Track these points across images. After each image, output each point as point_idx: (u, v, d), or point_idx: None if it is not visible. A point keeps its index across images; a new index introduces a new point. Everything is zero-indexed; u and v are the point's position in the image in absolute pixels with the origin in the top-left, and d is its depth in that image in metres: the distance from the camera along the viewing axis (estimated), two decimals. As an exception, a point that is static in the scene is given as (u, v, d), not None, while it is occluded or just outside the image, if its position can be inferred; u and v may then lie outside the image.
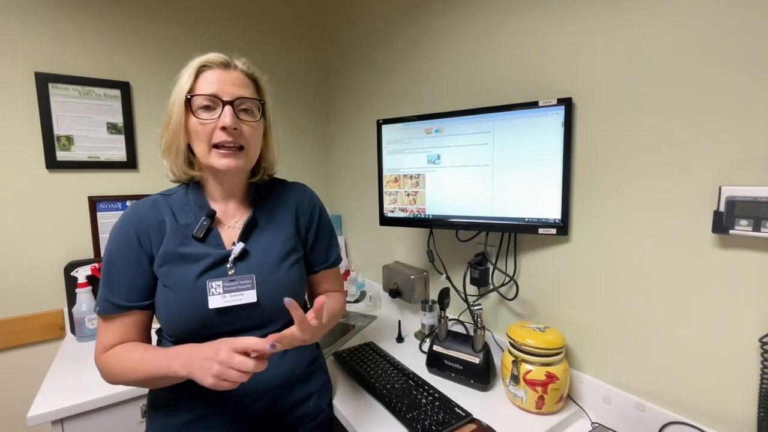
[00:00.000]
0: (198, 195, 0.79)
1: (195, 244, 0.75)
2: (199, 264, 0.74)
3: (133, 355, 0.70)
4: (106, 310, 0.71)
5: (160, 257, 0.73)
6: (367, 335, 1.35)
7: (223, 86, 0.72)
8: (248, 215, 0.81)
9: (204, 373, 0.61)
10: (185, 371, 0.64)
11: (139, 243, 0.73)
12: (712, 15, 0.69)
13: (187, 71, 0.73)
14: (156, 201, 0.78)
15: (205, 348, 0.64)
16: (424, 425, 0.83)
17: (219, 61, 0.74)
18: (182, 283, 0.72)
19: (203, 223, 0.76)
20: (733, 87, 0.68)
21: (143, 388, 0.78)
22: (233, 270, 0.75)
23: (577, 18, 0.89)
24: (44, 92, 1.32)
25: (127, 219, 0.74)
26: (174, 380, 0.68)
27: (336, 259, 0.95)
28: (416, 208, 1.19)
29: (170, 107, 0.74)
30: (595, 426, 0.88)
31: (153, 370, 0.67)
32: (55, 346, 1.38)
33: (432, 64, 1.30)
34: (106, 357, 0.71)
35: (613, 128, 0.85)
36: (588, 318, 0.93)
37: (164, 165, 0.79)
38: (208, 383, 0.61)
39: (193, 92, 0.72)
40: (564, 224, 0.93)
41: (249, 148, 0.76)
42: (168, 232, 0.75)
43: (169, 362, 0.66)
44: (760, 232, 0.64)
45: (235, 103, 0.72)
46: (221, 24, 1.66)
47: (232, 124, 0.71)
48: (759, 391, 0.68)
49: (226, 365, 0.60)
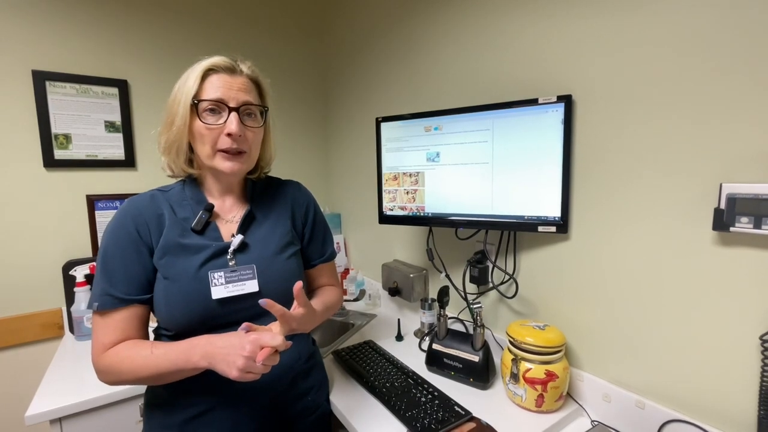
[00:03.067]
0: (195, 191, 0.80)
1: (194, 237, 0.76)
2: (200, 255, 0.74)
3: (140, 351, 0.68)
4: (106, 304, 0.69)
5: (160, 249, 0.73)
6: (367, 334, 1.35)
7: (229, 92, 0.73)
8: (245, 209, 0.82)
9: (229, 366, 0.62)
10: (206, 362, 0.64)
11: (139, 235, 0.73)
12: (711, 13, 0.69)
13: (193, 74, 0.73)
14: (154, 195, 0.78)
15: (226, 339, 0.65)
16: (424, 424, 0.82)
17: (225, 66, 0.75)
18: (184, 274, 0.72)
19: (202, 217, 0.77)
20: (734, 84, 0.67)
21: (149, 384, 0.77)
22: (233, 261, 0.76)
23: (577, 16, 0.88)
24: (41, 90, 1.31)
25: (125, 212, 0.74)
26: (189, 373, 0.67)
27: (331, 254, 0.97)
28: (415, 207, 1.19)
29: (173, 107, 0.74)
30: (595, 424, 0.88)
31: (168, 364, 0.66)
32: (53, 345, 1.38)
33: (431, 62, 1.30)
34: (108, 356, 0.69)
35: (613, 125, 0.85)
36: (588, 316, 0.93)
37: (162, 160, 0.79)
38: (233, 375, 0.62)
39: (200, 97, 0.72)
40: (564, 222, 0.93)
41: (251, 151, 0.78)
42: (167, 225, 0.75)
43: (186, 354, 0.66)
44: (761, 230, 0.63)
45: (240, 109, 0.73)
46: (220, 22, 1.66)
47: (238, 131, 0.72)
48: (759, 388, 0.67)
49: (252, 359, 0.61)
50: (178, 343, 0.68)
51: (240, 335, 0.64)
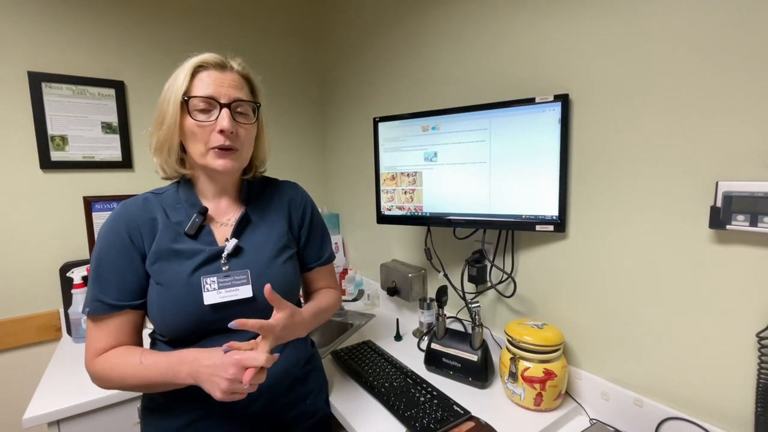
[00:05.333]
0: (189, 193, 0.79)
1: (187, 241, 0.75)
2: (192, 260, 0.73)
3: (130, 359, 0.68)
4: (97, 310, 0.69)
5: (152, 254, 0.72)
6: (365, 334, 1.35)
7: (220, 88, 0.72)
8: (241, 212, 0.80)
9: (213, 388, 0.62)
10: (192, 380, 0.64)
11: (131, 240, 0.72)
12: (708, 12, 0.69)
13: (183, 71, 0.72)
14: (147, 199, 0.77)
15: (210, 356, 0.64)
16: (423, 423, 0.82)
17: (215, 62, 0.74)
18: (176, 280, 0.72)
19: (195, 220, 0.76)
20: (730, 83, 0.68)
21: (140, 392, 0.76)
22: (227, 266, 0.75)
23: (575, 16, 0.89)
24: (38, 92, 1.31)
25: (117, 217, 0.73)
26: (178, 386, 0.67)
27: (329, 256, 0.95)
28: (413, 206, 1.19)
29: (163, 106, 0.73)
30: (594, 422, 0.88)
31: (155, 375, 0.66)
32: (51, 348, 1.37)
33: (429, 62, 1.30)
34: (100, 362, 0.69)
35: (609, 124, 0.85)
36: (586, 314, 0.93)
37: (154, 162, 0.78)
38: (218, 398, 0.61)
39: (190, 93, 0.71)
40: (561, 221, 0.93)
41: (243, 149, 0.76)
42: (160, 230, 0.74)
43: (173, 370, 0.65)
44: (757, 227, 0.64)
45: (231, 106, 0.72)
46: (217, 22, 1.65)
47: (230, 127, 0.71)
48: (756, 385, 0.68)
49: (236, 381, 0.61)
50: (168, 355, 0.68)
51: (224, 356, 0.63)
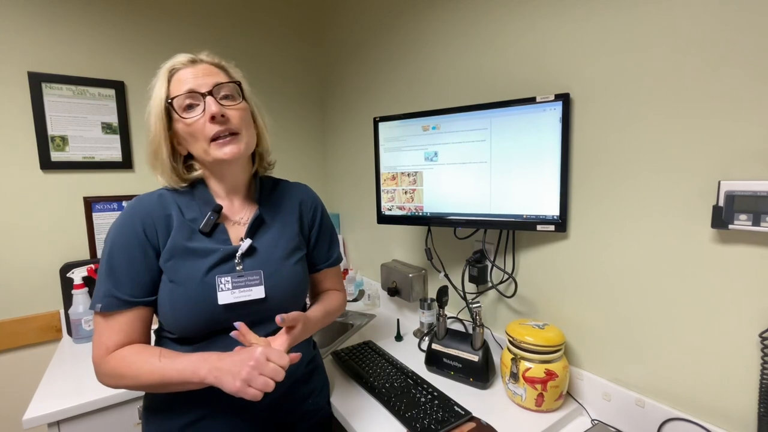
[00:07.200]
0: (203, 191, 0.79)
1: (202, 239, 0.75)
2: (207, 259, 0.73)
3: (148, 358, 0.67)
4: (111, 305, 0.68)
5: (167, 251, 0.72)
6: (366, 334, 1.35)
7: (196, 79, 0.72)
8: (254, 212, 0.80)
9: (234, 377, 0.61)
10: (213, 377, 0.63)
11: (146, 236, 0.71)
12: (708, 11, 0.69)
13: (159, 80, 0.74)
14: (162, 195, 0.77)
15: (236, 355, 0.65)
16: (423, 424, 0.82)
17: (185, 60, 0.75)
18: (191, 278, 0.71)
19: (210, 218, 0.76)
20: (732, 82, 0.67)
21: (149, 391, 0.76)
22: (241, 266, 0.75)
23: (575, 16, 0.88)
24: (38, 92, 1.31)
25: (132, 212, 0.73)
26: (194, 386, 0.66)
27: (337, 258, 0.96)
28: (414, 206, 1.18)
29: (149, 122, 0.74)
30: (595, 423, 0.88)
31: (174, 374, 0.65)
32: (51, 348, 1.37)
33: (430, 61, 1.29)
34: (114, 359, 0.68)
35: (611, 123, 0.84)
36: (587, 315, 0.93)
37: (159, 180, 0.78)
38: (236, 387, 0.61)
39: (171, 96, 0.72)
40: (562, 221, 0.93)
41: (242, 130, 0.75)
42: (175, 227, 0.74)
43: (194, 366, 0.65)
44: (760, 227, 0.63)
45: (213, 91, 0.72)
46: (217, 24, 1.65)
47: (219, 110, 0.71)
48: (759, 386, 0.67)
49: (257, 370, 0.61)
50: (188, 355, 0.68)
51: (249, 350, 0.65)
